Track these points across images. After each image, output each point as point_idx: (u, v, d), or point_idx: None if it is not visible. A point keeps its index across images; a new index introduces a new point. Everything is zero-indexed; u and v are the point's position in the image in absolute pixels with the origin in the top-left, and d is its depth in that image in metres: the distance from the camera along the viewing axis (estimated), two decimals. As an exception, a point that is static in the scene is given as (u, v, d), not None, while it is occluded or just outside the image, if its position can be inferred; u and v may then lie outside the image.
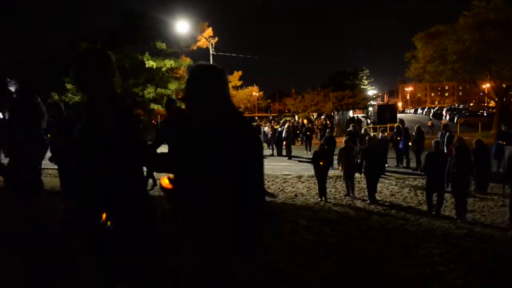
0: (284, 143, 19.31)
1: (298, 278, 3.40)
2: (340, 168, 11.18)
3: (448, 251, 5.45)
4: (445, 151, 11.54)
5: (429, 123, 33.66)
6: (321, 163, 10.49)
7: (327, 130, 17.40)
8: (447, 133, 12.97)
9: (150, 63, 32.80)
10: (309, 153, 19.32)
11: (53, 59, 33.38)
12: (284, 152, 19.66)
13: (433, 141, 9.59)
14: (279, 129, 21.16)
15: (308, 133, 21.39)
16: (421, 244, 5.77)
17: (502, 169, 11.45)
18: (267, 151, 20.50)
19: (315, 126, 28.59)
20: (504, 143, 12.05)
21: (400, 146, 14.89)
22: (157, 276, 2.59)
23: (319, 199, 10.34)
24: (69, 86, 31.87)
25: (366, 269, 4.19)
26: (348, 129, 16.33)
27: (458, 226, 7.75)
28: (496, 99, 33.21)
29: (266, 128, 22.24)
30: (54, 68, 32.03)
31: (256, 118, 46.36)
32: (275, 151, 20.78)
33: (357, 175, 10.87)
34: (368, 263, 4.42)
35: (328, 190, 11.40)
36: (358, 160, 10.51)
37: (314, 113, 41.92)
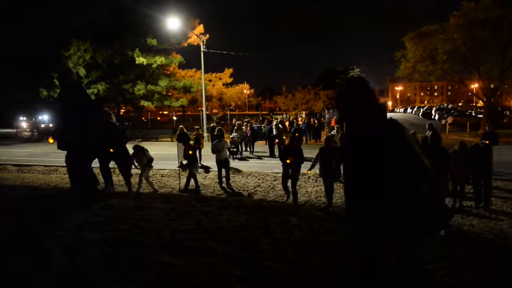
0: (276, 141, 19.13)
1: (288, 275, 3.39)
2: (308, 171, 10.05)
3: (438, 249, 5.48)
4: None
5: (450, 120, 34.85)
6: (288, 161, 9.37)
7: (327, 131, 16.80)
8: (431, 132, 13.09)
9: (141, 60, 32.60)
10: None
11: (42, 54, 32.98)
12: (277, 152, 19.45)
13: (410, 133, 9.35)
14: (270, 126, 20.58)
15: (296, 134, 20.56)
16: (411, 242, 5.79)
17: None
18: (245, 153, 19.80)
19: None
20: (488, 142, 12.20)
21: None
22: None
23: (286, 200, 9.63)
24: (58, 82, 31.52)
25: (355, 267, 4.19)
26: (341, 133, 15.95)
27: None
28: (484, 99, 33.58)
29: (243, 127, 21.18)
30: (43, 64, 31.67)
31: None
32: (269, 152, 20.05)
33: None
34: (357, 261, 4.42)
35: (314, 189, 11.39)
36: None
37: (303, 112, 42.00)
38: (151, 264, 3.29)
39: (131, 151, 9.75)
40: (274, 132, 19.20)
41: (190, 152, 11.28)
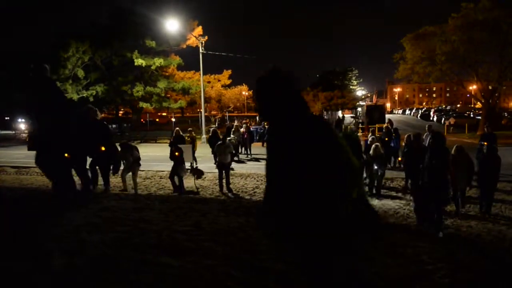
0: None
1: (286, 275, 3.39)
2: None
3: (436, 250, 5.49)
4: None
5: (452, 121, 35.34)
6: None
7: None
8: (430, 134, 13.08)
9: (139, 61, 32.57)
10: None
11: (42, 55, 32.93)
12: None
13: (406, 136, 9.22)
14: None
15: None
16: (409, 243, 5.80)
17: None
18: (242, 155, 19.54)
19: None
20: (485, 143, 12.15)
21: (392, 144, 14.93)
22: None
23: None
24: (57, 84, 31.48)
25: (354, 269, 4.20)
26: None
27: (446, 226, 7.81)
28: (483, 101, 33.62)
29: (241, 129, 20.35)
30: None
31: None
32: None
33: None
34: (356, 263, 4.43)
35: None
36: None
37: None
38: (150, 265, 3.29)
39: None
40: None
41: (176, 153, 11.04)
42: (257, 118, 46.10)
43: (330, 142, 2.03)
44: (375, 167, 10.17)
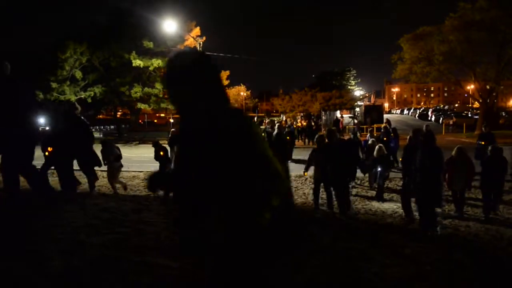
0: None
1: (285, 277, 3.40)
2: (305, 173, 9.54)
3: (434, 250, 5.51)
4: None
5: (454, 120, 35.60)
6: None
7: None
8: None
9: (137, 62, 32.54)
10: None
11: (40, 55, 32.88)
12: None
13: (408, 136, 9.22)
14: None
15: (288, 137, 20.03)
16: (408, 243, 5.82)
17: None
18: None
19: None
20: (483, 143, 12.12)
21: (392, 144, 14.89)
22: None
23: None
24: (54, 85, 31.45)
25: (353, 269, 4.21)
26: (348, 137, 15.55)
27: (444, 225, 7.83)
28: (480, 100, 33.72)
29: None
30: (40, 66, 31.58)
31: None
32: None
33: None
34: (356, 263, 4.44)
35: (311, 191, 11.36)
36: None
37: (300, 113, 42.05)
38: (149, 267, 3.29)
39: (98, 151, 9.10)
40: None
41: (161, 153, 10.69)
42: (255, 118, 46.14)
43: (249, 143, 1.73)
44: (379, 168, 10.11)
